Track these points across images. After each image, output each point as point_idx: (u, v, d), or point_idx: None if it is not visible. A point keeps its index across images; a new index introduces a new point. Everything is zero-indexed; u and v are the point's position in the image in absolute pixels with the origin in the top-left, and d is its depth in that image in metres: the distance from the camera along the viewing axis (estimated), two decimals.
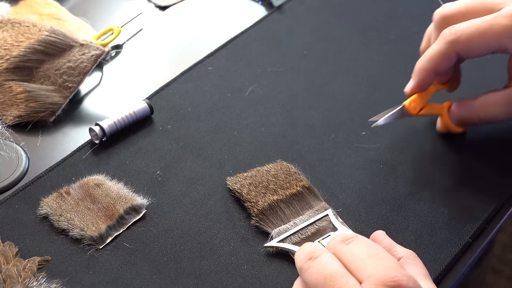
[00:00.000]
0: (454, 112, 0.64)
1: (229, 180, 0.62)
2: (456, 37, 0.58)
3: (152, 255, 0.57)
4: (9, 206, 0.61)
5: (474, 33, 0.57)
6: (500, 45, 0.58)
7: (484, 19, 0.58)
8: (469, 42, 0.58)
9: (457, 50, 0.59)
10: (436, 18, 0.62)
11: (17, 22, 0.75)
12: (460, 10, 0.61)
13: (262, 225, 0.58)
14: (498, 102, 0.60)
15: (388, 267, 0.44)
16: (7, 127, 0.68)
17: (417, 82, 0.62)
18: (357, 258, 0.45)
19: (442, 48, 0.59)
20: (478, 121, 0.62)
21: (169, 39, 0.82)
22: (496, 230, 0.59)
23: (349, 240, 0.47)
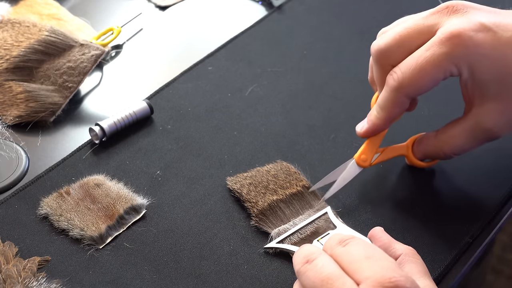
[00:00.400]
0: (417, 150, 0.61)
1: (229, 180, 0.62)
2: (399, 83, 0.55)
3: (152, 255, 0.57)
4: (9, 206, 0.61)
5: (415, 72, 0.54)
6: (445, 73, 0.54)
7: (420, 53, 0.54)
8: (414, 84, 0.54)
9: (405, 94, 0.55)
10: (373, 53, 0.58)
11: (17, 22, 0.75)
12: (395, 41, 0.56)
13: (262, 225, 0.58)
14: (460, 134, 0.57)
15: (385, 268, 0.43)
16: (7, 127, 0.68)
17: (371, 127, 0.59)
18: (354, 259, 0.45)
19: (390, 96, 0.56)
20: (444, 154, 0.58)
21: (169, 39, 0.82)
22: (496, 230, 0.59)
23: (346, 242, 0.47)
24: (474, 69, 0.53)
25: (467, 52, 0.52)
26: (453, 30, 0.53)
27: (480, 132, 0.55)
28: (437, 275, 0.55)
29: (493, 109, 0.54)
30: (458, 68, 0.53)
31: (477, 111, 0.55)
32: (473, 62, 0.53)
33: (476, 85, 0.54)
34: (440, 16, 0.55)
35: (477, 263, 0.60)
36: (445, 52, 0.53)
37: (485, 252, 0.73)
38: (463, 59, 0.53)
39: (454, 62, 0.53)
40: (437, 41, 0.53)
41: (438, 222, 0.59)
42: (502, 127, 0.55)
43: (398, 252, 0.50)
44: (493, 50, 0.52)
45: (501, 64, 0.52)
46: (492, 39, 0.52)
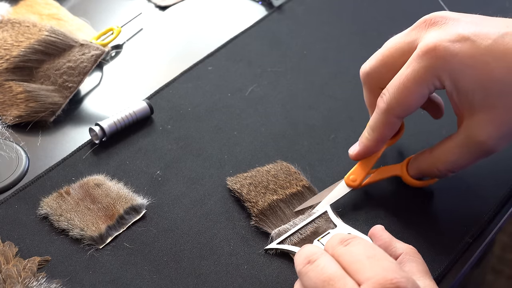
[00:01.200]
0: (410, 168, 0.59)
1: (229, 180, 0.62)
2: (388, 104, 0.55)
3: (152, 255, 0.57)
4: (9, 206, 0.61)
5: (401, 92, 0.54)
6: (428, 87, 0.53)
7: (402, 71, 0.54)
8: (402, 103, 0.54)
9: (395, 115, 0.55)
10: (361, 77, 0.59)
11: (17, 22, 0.75)
12: (379, 63, 0.57)
13: (262, 225, 0.58)
14: (453, 149, 0.55)
15: (386, 269, 0.43)
16: (7, 127, 0.68)
17: (363, 149, 0.59)
18: (355, 259, 0.45)
19: (381, 118, 0.56)
20: (438, 172, 0.57)
21: (169, 39, 0.82)
22: (496, 230, 0.59)
23: (347, 242, 0.47)
24: (456, 79, 0.52)
25: (446, 63, 0.52)
26: (429, 43, 0.52)
27: (473, 145, 0.54)
28: (437, 275, 0.55)
29: (483, 120, 0.52)
30: (440, 80, 0.53)
31: (468, 124, 0.54)
32: (454, 72, 0.52)
33: (462, 96, 0.53)
34: (419, 31, 0.55)
35: (477, 263, 0.60)
36: (423, 66, 0.52)
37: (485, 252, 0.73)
38: (443, 71, 0.52)
39: (435, 74, 0.52)
40: (416, 57, 0.53)
41: (438, 222, 0.59)
42: (496, 139, 0.53)
43: (399, 251, 0.50)
44: (473, 59, 0.51)
45: (483, 72, 0.51)
46: (471, 48, 0.52)
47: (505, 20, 0.54)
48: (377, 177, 0.60)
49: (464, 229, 0.58)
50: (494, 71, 0.51)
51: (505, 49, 0.51)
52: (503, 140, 0.53)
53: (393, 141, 0.62)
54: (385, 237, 0.52)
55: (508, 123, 0.52)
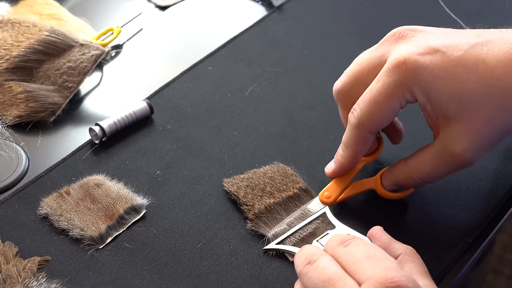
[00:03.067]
0: (385, 178, 0.58)
1: (226, 182, 0.62)
2: (358, 120, 0.54)
3: (152, 255, 0.57)
4: (9, 206, 0.61)
5: (371, 106, 0.53)
6: (400, 101, 0.52)
7: (372, 86, 0.53)
8: (372, 118, 0.53)
9: (367, 130, 0.55)
10: (334, 95, 0.59)
11: (17, 22, 0.75)
12: (350, 79, 0.57)
13: (258, 228, 0.58)
14: (428, 159, 0.54)
15: (386, 268, 0.43)
16: (7, 127, 0.68)
17: (338, 166, 0.58)
18: (355, 260, 0.45)
19: (353, 134, 0.55)
20: (413, 182, 0.56)
21: (169, 39, 0.82)
22: (496, 230, 0.59)
23: (347, 242, 0.47)
24: (429, 92, 0.51)
25: (416, 76, 0.51)
26: (399, 56, 0.52)
27: (448, 157, 0.53)
28: (437, 275, 0.55)
29: (458, 132, 0.51)
30: (412, 94, 0.52)
31: (443, 135, 0.53)
32: (425, 85, 0.51)
33: (435, 108, 0.52)
34: (388, 45, 0.55)
35: (477, 263, 0.60)
36: (394, 80, 0.52)
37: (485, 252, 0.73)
38: (414, 84, 0.51)
39: (405, 88, 0.52)
40: (385, 71, 0.52)
41: (438, 222, 0.59)
42: (471, 151, 0.52)
43: (398, 252, 0.50)
44: (444, 70, 0.50)
45: (455, 84, 0.50)
46: (441, 59, 0.51)
47: (475, 31, 0.53)
48: (351, 192, 0.59)
49: (464, 229, 0.58)
50: (466, 82, 0.50)
51: (476, 60, 0.50)
52: (479, 152, 0.52)
53: (371, 158, 0.61)
54: (384, 238, 0.52)
55: (483, 135, 0.51)
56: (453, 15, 0.80)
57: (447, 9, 0.81)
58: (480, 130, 0.51)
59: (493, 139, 0.52)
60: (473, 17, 0.80)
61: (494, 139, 0.52)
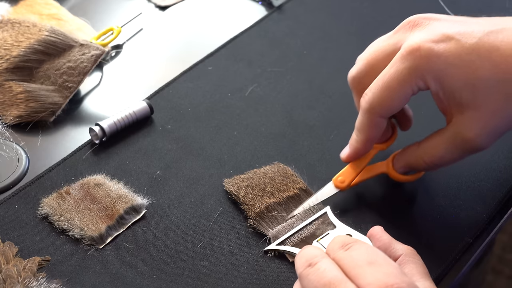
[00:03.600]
0: (397, 161, 0.59)
1: (226, 182, 0.62)
2: (370, 104, 0.55)
3: (152, 255, 0.57)
4: (9, 206, 0.61)
5: (383, 91, 0.54)
6: (412, 87, 0.53)
7: (385, 72, 0.54)
8: (383, 103, 0.54)
9: (378, 115, 0.56)
10: (349, 82, 0.60)
11: (17, 22, 0.75)
12: (364, 67, 0.57)
13: (259, 227, 0.58)
14: (440, 144, 0.55)
15: (387, 274, 0.43)
16: (7, 127, 0.68)
17: (352, 151, 0.59)
18: (356, 264, 0.44)
19: (365, 118, 0.56)
20: (425, 165, 0.57)
21: (169, 39, 0.82)
22: (496, 230, 0.59)
23: (348, 246, 0.46)
24: (442, 79, 0.52)
25: (430, 63, 0.52)
26: (413, 43, 0.52)
27: (460, 142, 0.54)
28: (437, 275, 0.55)
29: (470, 117, 0.52)
30: (424, 81, 0.53)
31: (456, 121, 0.54)
32: (439, 72, 0.52)
33: (448, 95, 0.53)
34: (403, 32, 0.55)
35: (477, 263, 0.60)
36: (407, 67, 0.52)
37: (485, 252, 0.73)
38: (427, 71, 0.52)
39: (418, 75, 0.52)
40: (399, 57, 0.53)
41: (438, 222, 0.59)
42: (483, 136, 0.53)
43: (399, 253, 0.50)
44: (458, 58, 0.51)
45: (469, 70, 0.51)
46: (456, 47, 0.51)
47: (490, 19, 0.54)
48: (363, 177, 0.60)
49: (464, 229, 0.58)
50: (480, 70, 0.51)
51: (490, 47, 0.51)
52: (490, 138, 0.53)
53: (385, 146, 0.61)
54: (385, 238, 0.52)
55: (495, 121, 0.52)
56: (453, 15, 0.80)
57: (447, 9, 0.81)
58: (493, 117, 0.52)
59: (505, 125, 0.53)
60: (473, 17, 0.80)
61: (507, 125, 0.53)
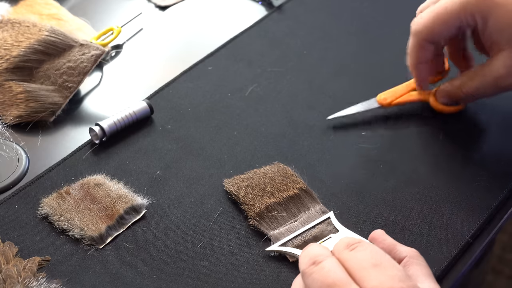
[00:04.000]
0: (439, 92, 0.66)
1: (226, 182, 0.62)
2: (417, 27, 0.61)
3: (152, 255, 0.57)
4: (9, 206, 0.61)
5: (432, 17, 0.60)
6: (460, 20, 0.59)
7: (440, 2, 0.60)
8: (430, 28, 0.60)
9: (424, 38, 0.62)
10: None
11: (17, 22, 0.75)
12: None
13: (259, 227, 0.58)
14: (477, 76, 0.62)
15: (392, 277, 0.43)
16: (7, 127, 0.68)
17: (415, 78, 0.66)
18: (361, 266, 0.44)
19: (413, 41, 0.63)
20: (462, 95, 0.64)
21: (169, 39, 0.82)
22: (496, 230, 0.59)
23: (353, 246, 0.46)
24: (489, 17, 0.58)
25: (481, 2, 0.57)
26: None
27: (493, 77, 0.60)
28: (437, 275, 0.55)
29: (507, 56, 0.58)
30: (472, 17, 0.58)
31: (493, 59, 0.60)
32: (488, 10, 0.57)
33: (491, 34, 0.58)
34: None
35: (477, 263, 0.60)
36: (460, 1, 0.58)
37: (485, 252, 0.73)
38: (478, 8, 0.58)
39: (468, 10, 0.58)
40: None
41: (438, 222, 0.59)
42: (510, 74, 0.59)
43: (403, 255, 0.50)
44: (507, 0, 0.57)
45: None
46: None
47: None
48: (405, 99, 0.68)
49: (464, 229, 0.58)
50: None
51: None
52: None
53: (436, 79, 0.69)
54: (388, 241, 0.52)
55: None
56: None
57: None
58: None
59: None
60: None
61: None
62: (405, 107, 0.69)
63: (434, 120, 0.68)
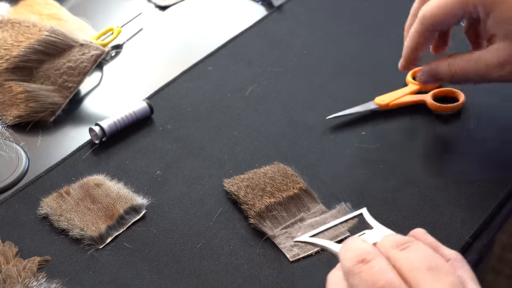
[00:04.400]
0: (425, 68, 0.65)
1: (226, 182, 0.62)
2: (422, 13, 0.62)
3: (152, 255, 0.57)
4: (9, 206, 0.61)
5: (437, 7, 0.60)
6: (463, 9, 0.60)
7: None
8: (435, 16, 0.61)
9: (427, 26, 0.62)
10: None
11: (17, 22, 0.75)
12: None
13: (259, 226, 0.58)
14: (468, 59, 0.62)
15: (448, 285, 0.39)
16: (7, 127, 0.68)
17: (403, 58, 0.66)
18: (414, 268, 0.40)
19: (416, 26, 0.63)
20: (449, 73, 0.63)
21: (169, 39, 0.82)
22: (496, 230, 0.59)
23: (404, 245, 0.42)
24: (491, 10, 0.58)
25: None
26: None
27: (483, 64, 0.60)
28: None
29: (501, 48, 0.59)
30: (475, 8, 0.59)
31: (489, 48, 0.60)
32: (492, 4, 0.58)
33: (492, 25, 0.59)
34: None
35: (477, 263, 0.60)
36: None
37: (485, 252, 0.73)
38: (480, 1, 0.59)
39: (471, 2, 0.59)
40: None
41: (438, 222, 0.59)
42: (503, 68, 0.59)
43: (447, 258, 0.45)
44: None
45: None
46: None
47: None
48: (404, 101, 0.69)
49: (464, 229, 0.58)
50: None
51: None
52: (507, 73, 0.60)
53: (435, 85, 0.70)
54: (431, 241, 0.46)
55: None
56: None
57: None
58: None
59: None
60: None
61: None
62: (405, 108, 0.69)
63: (434, 120, 0.68)
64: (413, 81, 0.72)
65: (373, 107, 0.69)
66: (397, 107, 0.69)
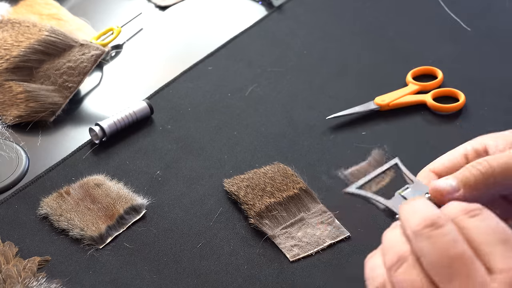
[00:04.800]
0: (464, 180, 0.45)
1: (226, 182, 0.62)
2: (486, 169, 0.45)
3: (152, 255, 0.57)
4: (9, 206, 0.61)
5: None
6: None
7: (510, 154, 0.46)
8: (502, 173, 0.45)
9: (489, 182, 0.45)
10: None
11: (17, 22, 0.75)
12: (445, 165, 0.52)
13: (259, 226, 0.58)
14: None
15: None
16: (7, 127, 0.68)
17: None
18: (487, 240, 0.37)
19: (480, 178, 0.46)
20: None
21: (169, 39, 0.82)
22: None
23: (474, 212, 0.38)
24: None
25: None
26: None
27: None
28: None
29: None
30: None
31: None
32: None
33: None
34: None
35: None
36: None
37: None
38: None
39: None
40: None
41: None
42: None
43: None
44: None
45: None
46: None
47: None
48: (404, 101, 0.70)
49: None
50: None
51: None
52: None
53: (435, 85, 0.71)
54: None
55: None
56: (453, 15, 0.80)
57: (447, 9, 0.81)
58: None
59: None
60: (473, 17, 0.80)
61: None
62: (405, 108, 0.69)
63: (434, 121, 0.68)
64: (413, 81, 0.71)
65: (373, 107, 0.69)
66: (397, 107, 0.69)
